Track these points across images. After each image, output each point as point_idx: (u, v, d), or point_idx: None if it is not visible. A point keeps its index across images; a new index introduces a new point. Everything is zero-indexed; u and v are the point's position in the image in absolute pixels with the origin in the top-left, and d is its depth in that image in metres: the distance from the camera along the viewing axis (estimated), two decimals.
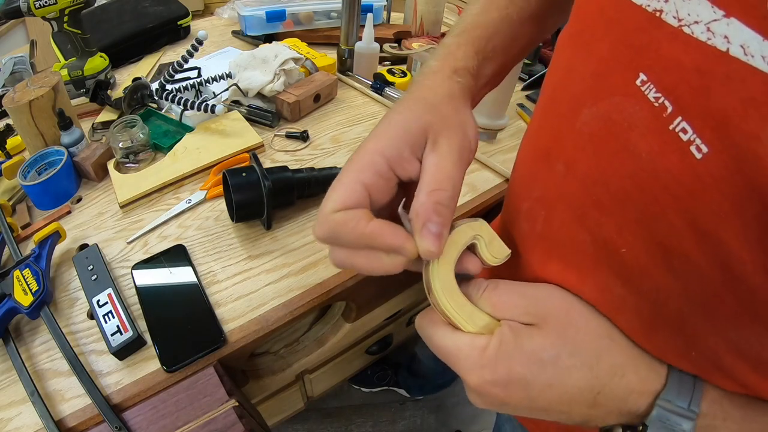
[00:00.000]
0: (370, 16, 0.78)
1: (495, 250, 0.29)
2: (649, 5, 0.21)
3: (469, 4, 0.39)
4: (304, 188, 0.56)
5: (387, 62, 0.90)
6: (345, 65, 0.83)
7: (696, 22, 0.19)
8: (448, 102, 0.30)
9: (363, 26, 0.78)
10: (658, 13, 0.21)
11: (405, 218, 0.28)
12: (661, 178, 0.21)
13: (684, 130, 0.20)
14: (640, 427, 0.25)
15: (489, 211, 0.64)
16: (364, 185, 0.26)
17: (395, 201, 0.29)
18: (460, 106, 0.30)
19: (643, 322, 0.25)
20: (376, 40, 0.81)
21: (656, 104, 0.21)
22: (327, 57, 0.83)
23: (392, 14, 1.02)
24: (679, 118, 0.20)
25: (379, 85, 0.78)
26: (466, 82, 0.33)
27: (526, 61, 0.85)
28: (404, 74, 0.81)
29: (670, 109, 0.21)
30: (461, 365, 0.26)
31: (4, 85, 0.80)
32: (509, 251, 0.29)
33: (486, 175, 0.65)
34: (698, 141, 0.20)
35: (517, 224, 0.33)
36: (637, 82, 0.22)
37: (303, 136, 0.69)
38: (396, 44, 0.92)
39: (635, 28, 0.22)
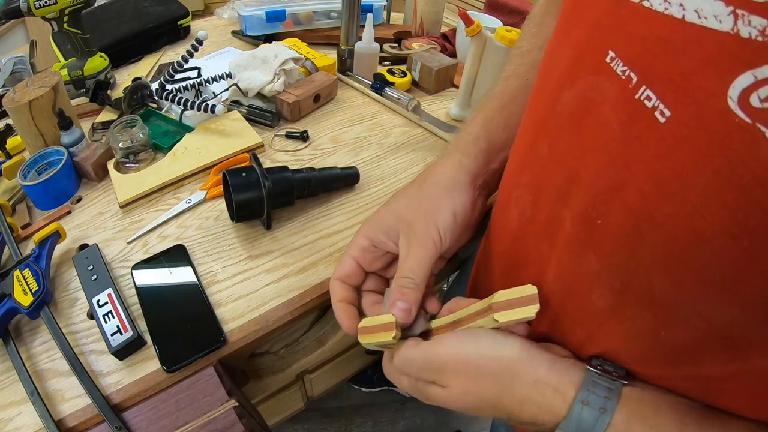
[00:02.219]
0: (370, 16, 0.78)
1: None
2: None
3: (497, 78, 0.44)
4: (304, 188, 0.56)
5: (387, 62, 0.90)
6: (345, 65, 0.83)
7: None
8: (429, 195, 0.38)
9: (363, 26, 0.78)
10: None
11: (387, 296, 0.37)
12: (630, 146, 0.22)
13: (648, 98, 0.21)
14: None
15: (489, 211, 0.64)
16: (354, 259, 0.39)
17: (391, 264, 0.40)
18: (442, 194, 0.38)
19: (614, 298, 0.26)
20: (376, 40, 0.81)
21: (623, 77, 0.22)
22: (327, 57, 0.83)
23: (392, 14, 1.02)
24: (644, 87, 0.21)
25: (379, 85, 0.78)
26: (467, 160, 0.39)
27: None
28: (404, 74, 0.81)
29: (635, 80, 0.22)
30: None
31: (4, 85, 0.80)
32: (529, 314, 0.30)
33: None
34: (661, 106, 0.20)
35: (508, 212, 0.35)
36: (607, 59, 0.23)
37: (303, 136, 0.69)
38: (396, 44, 0.92)
39: (604, 9, 0.24)
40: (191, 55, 0.69)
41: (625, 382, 0.28)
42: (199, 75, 0.76)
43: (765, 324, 0.20)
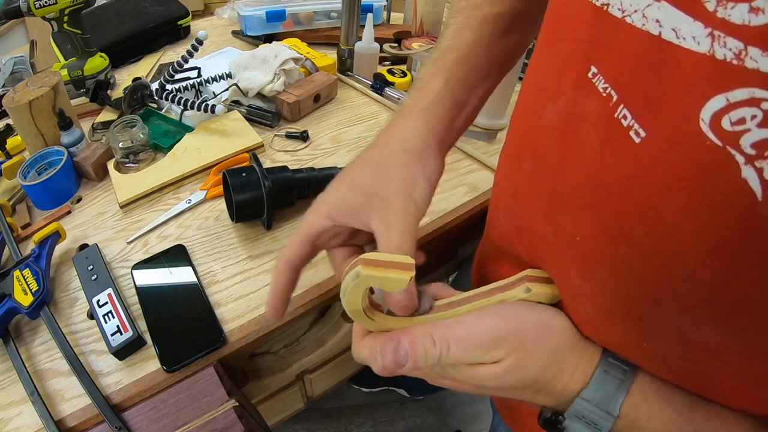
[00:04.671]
0: (370, 16, 0.78)
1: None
2: (597, 0, 0.22)
3: (444, 28, 0.40)
4: (304, 188, 0.56)
5: (387, 62, 0.90)
6: (345, 65, 0.83)
7: (635, 11, 0.20)
8: (400, 164, 0.33)
9: (363, 26, 0.78)
10: (605, 7, 0.21)
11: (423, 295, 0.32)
12: (606, 165, 0.22)
13: (624, 117, 0.21)
14: (560, 417, 0.28)
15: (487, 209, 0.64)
16: (310, 240, 0.34)
17: (352, 236, 0.36)
18: (414, 161, 0.33)
19: (598, 311, 0.26)
20: (376, 40, 0.81)
21: (604, 94, 0.22)
22: (327, 57, 0.83)
23: (392, 14, 1.02)
24: (622, 106, 0.21)
25: (379, 85, 0.78)
26: (434, 120, 0.35)
27: (526, 61, 0.85)
28: (404, 74, 0.81)
29: (615, 98, 0.21)
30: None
31: (4, 85, 0.80)
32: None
33: (486, 174, 0.65)
34: (636, 126, 0.20)
35: (498, 221, 0.35)
36: (589, 75, 0.23)
37: (303, 136, 0.69)
38: (396, 44, 0.92)
39: (587, 23, 0.23)
40: (191, 55, 0.69)
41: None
42: (199, 75, 0.76)
43: (741, 337, 0.21)
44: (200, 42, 0.67)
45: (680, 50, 0.18)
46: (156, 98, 0.71)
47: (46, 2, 0.66)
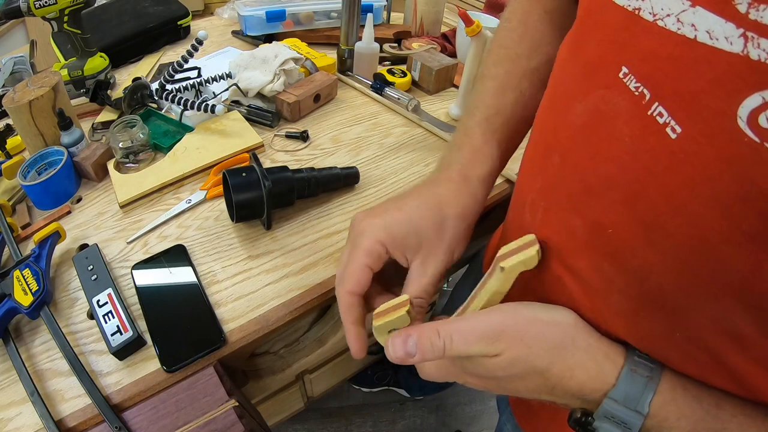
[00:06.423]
0: (370, 16, 0.78)
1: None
2: (629, 5, 0.23)
3: (481, 75, 0.43)
4: (304, 188, 0.56)
5: (387, 62, 0.90)
6: (345, 65, 0.83)
7: (668, 15, 0.21)
8: (454, 223, 0.36)
9: (363, 26, 0.78)
10: (636, 11, 0.23)
11: None
12: (641, 159, 0.23)
13: (660, 114, 0.22)
14: (590, 418, 0.28)
15: (490, 210, 0.64)
16: (367, 267, 0.34)
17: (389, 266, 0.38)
18: (466, 227, 0.37)
19: (630, 303, 0.27)
20: (376, 40, 0.81)
21: (636, 93, 0.23)
22: (327, 57, 0.83)
23: (392, 14, 1.02)
24: (656, 104, 0.22)
25: (379, 85, 0.78)
26: (481, 191, 0.38)
27: None
28: (404, 74, 0.81)
29: (648, 97, 0.22)
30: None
31: (4, 85, 0.80)
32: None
33: None
34: (672, 122, 0.21)
35: (522, 216, 0.35)
36: (620, 75, 0.24)
37: (303, 136, 0.69)
38: (396, 44, 0.93)
39: (618, 26, 0.24)
40: (191, 55, 0.69)
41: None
42: (199, 75, 0.76)
43: None
44: (200, 42, 0.67)
45: (714, 50, 0.19)
46: (156, 98, 0.71)
47: (46, 2, 0.66)
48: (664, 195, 0.22)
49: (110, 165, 0.62)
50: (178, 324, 0.46)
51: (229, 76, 0.75)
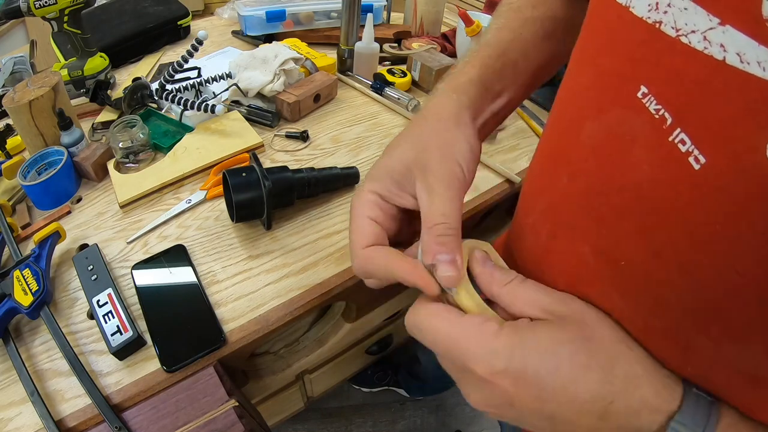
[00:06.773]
0: (370, 16, 0.78)
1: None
2: (649, 17, 0.21)
3: (485, 31, 0.40)
4: (304, 188, 0.56)
5: (387, 62, 0.90)
6: (345, 65, 0.83)
7: (693, 32, 0.19)
8: (437, 130, 0.32)
9: (363, 26, 0.78)
10: (657, 25, 0.20)
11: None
12: (660, 190, 0.21)
13: (683, 141, 0.20)
14: None
15: (490, 211, 0.64)
16: (372, 220, 0.31)
17: (404, 228, 0.34)
18: (451, 127, 0.32)
19: (640, 335, 0.25)
20: (376, 40, 0.81)
21: (656, 116, 0.21)
22: (327, 57, 0.83)
23: (392, 14, 1.02)
24: (678, 130, 0.20)
25: (379, 85, 0.78)
26: (465, 98, 0.34)
27: None
28: (404, 74, 0.81)
29: (669, 121, 0.20)
30: (469, 352, 0.25)
31: (4, 85, 0.80)
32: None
33: (487, 174, 0.65)
34: (696, 152, 0.19)
35: (523, 238, 0.33)
36: (639, 95, 0.22)
37: (303, 136, 0.69)
38: (396, 44, 0.92)
39: (636, 40, 0.22)
40: (191, 55, 0.69)
41: None
42: (199, 75, 0.76)
43: None
44: (200, 42, 0.67)
45: (744, 75, 0.17)
46: (156, 98, 0.71)
47: (46, 2, 0.66)
48: (686, 230, 0.21)
49: (110, 165, 0.62)
50: (178, 324, 0.46)
51: (229, 76, 0.75)
